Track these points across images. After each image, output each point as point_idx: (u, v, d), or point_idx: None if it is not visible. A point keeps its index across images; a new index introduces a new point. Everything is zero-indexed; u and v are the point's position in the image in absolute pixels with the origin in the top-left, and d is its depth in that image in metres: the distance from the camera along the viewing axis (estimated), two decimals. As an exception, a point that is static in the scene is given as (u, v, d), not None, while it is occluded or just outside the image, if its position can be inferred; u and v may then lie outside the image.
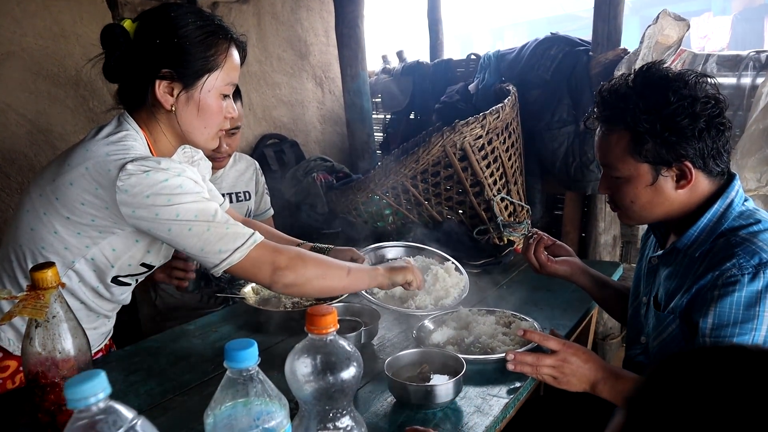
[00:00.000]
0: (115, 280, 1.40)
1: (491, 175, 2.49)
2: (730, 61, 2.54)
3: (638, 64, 2.49)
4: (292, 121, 3.65)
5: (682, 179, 1.23)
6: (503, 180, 2.57)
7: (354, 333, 1.31)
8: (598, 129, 1.32)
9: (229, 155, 2.12)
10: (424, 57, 3.95)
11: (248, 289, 1.80)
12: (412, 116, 3.82)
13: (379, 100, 4.01)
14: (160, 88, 1.29)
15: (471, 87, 3.22)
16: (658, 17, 2.51)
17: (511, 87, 2.73)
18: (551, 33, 3.06)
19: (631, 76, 1.26)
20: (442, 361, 1.31)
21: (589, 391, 1.26)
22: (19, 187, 2.29)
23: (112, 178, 1.20)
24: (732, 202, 1.24)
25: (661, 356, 1.29)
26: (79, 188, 1.24)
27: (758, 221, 1.20)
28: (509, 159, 2.58)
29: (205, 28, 1.31)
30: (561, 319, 1.68)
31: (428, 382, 1.24)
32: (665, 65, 1.27)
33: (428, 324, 1.57)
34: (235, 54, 1.36)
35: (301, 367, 0.79)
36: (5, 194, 2.31)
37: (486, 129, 2.38)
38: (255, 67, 3.40)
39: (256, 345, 0.72)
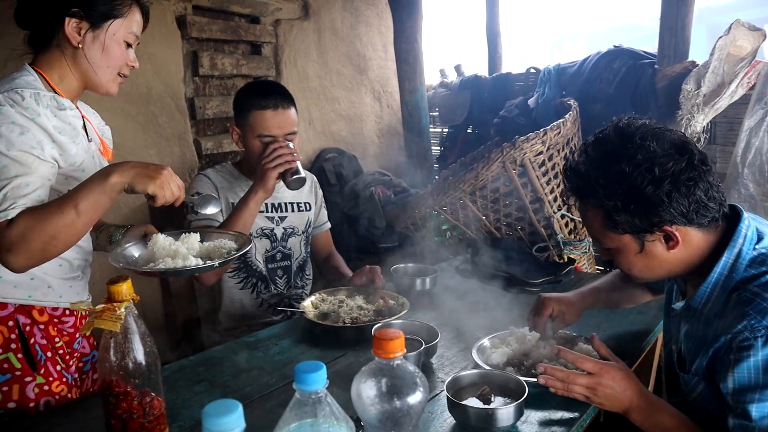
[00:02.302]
0: None
1: (551, 191, 2.45)
2: (809, 74, 2.42)
3: (708, 77, 2.41)
4: (351, 135, 3.70)
5: (669, 241, 1.18)
6: (564, 196, 2.52)
7: (414, 352, 1.30)
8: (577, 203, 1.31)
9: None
10: (482, 71, 3.94)
11: (307, 303, 1.83)
12: (469, 130, 3.81)
13: (437, 114, 4.02)
14: (69, 26, 1.40)
15: (530, 101, 3.19)
16: (730, 27, 2.42)
17: (572, 101, 2.69)
18: (614, 46, 3.00)
19: (588, 148, 1.23)
20: (503, 383, 1.29)
21: (622, 413, 1.23)
22: (93, 199, 2.40)
23: None
24: (740, 251, 1.17)
25: (699, 413, 1.24)
26: None
27: None
28: (570, 175, 2.53)
29: None
30: (623, 342, 1.62)
31: (489, 404, 1.23)
32: (639, 123, 1.21)
33: (487, 343, 1.55)
34: (137, 12, 1.50)
35: (366, 390, 0.80)
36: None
37: (547, 145, 2.35)
38: (315, 83, 3.46)
39: (324, 368, 0.73)
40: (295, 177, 1.90)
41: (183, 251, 1.47)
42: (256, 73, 3.10)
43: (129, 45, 1.50)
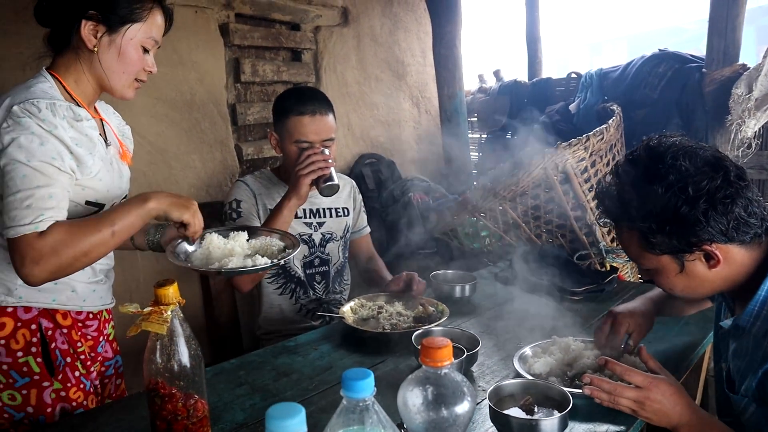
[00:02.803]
0: None
1: (594, 198, 2.40)
2: None
3: (761, 81, 2.33)
4: (389, 140, 3.71)
5: (710, 260, 1.15)
6: (599, 219, 2.47)
7: (456, 360, 1.29)
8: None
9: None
10: (522, 76, 3.90)
11: (347, 308, 1.83)
12: (508, 136, 3.77)
13: (475, 119, 3.99)
14: (86, 28, 1.38)
15: (572, 107, 3.14)
16: (783, 31, 2.34)
17: (615, 107, 2.64)
18: (660, 49, 2.93)
19: (619, 170, 1.23)
20: (547, 393, 1.26)
21: (670, 429, 1.19)
22: (138, 203, 2.45)
23: (2, 119, 1.28)
24: None
25: None
26: None
27: None
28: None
29: None
30: (669, 356, 1.57)
31: (532, 415, 1.20)
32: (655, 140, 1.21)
33: (528, 352, 1.52)
34: (158, 15, 1.46)
35: (413, 398, 0.79)
36: (125, 209, 2.48)
37: (589, 151, 2.30)
38: (354, 88, 3.48)
39: (372, 375, 0.73)
40: (327, 184, 1.89)
41: (239, 250, 1.50)
42: (297, 80, 3.13)
43: (147, 50, 1.47)
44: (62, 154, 1.31)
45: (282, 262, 1.48)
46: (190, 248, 1.53)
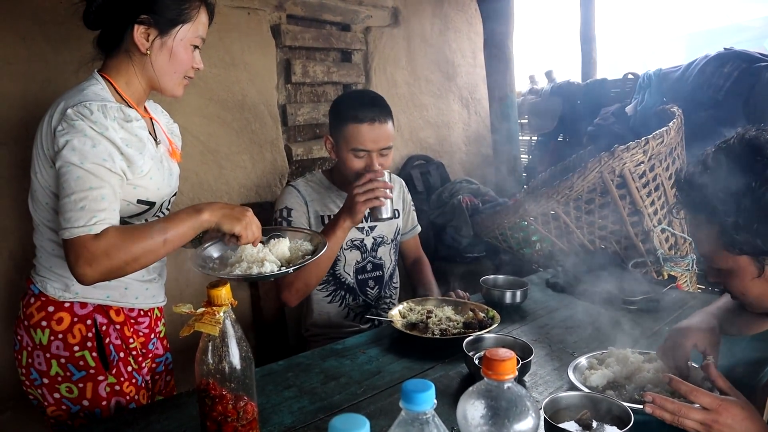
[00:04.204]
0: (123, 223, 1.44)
1: (652, 204, 2.31)
2: None
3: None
4: (438, 142, 3.67)
5: None
6: (664, 210, 2.37)
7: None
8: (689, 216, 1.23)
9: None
10: (575, 76, 3.80)
11: (395, 312, 1.81)
12: (560, 138, 3.69)
13: (526, 121, 3.91)
14: (138, 32, 1.41)
15: (628, 108, 3.04)
16: None
17: (675, 108, 2.53)
18: (725, 48, 2.80)
19: (708, 159, 1.15)
20: (605, 408, 1.21)
21: None
22: (190, 203, 2.50)
23: (57, 122, 1.33)
24: None
25: None
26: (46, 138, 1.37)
27: None
28: (672, 187, 2.37)
29: None
30: (734, 374, 1.48)
31: (589, 430, 1.15)
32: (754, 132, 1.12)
33: (584, 363, 1.47)
34: (204, 13, 1.49)
35: (473, 412, 0.76)
36: (176, 208, 2.52)
37: (648, 155, 2.21)
38: (403, 89, 3.46)
39: (433, 388, 0.70)
40: (383, 216, 1.86)
41: (271, 258, 1.47)
42: (346, 80, 3.13)
43: (196, 47, 1.51)
44: (113, 155, 1.34)
45: (291, 270, 1.43)
46: (215, 254, 1.53)
